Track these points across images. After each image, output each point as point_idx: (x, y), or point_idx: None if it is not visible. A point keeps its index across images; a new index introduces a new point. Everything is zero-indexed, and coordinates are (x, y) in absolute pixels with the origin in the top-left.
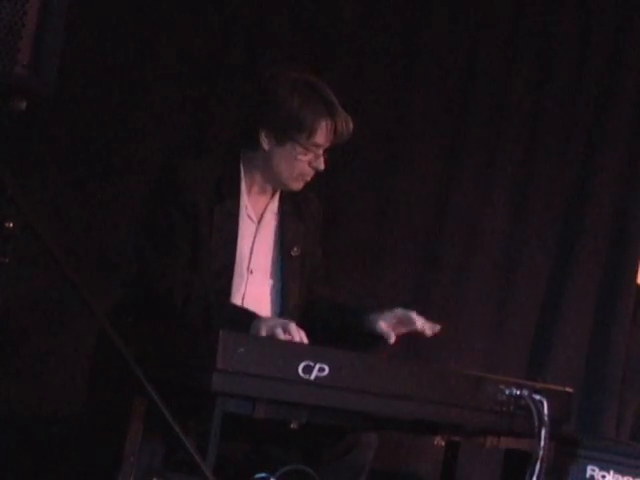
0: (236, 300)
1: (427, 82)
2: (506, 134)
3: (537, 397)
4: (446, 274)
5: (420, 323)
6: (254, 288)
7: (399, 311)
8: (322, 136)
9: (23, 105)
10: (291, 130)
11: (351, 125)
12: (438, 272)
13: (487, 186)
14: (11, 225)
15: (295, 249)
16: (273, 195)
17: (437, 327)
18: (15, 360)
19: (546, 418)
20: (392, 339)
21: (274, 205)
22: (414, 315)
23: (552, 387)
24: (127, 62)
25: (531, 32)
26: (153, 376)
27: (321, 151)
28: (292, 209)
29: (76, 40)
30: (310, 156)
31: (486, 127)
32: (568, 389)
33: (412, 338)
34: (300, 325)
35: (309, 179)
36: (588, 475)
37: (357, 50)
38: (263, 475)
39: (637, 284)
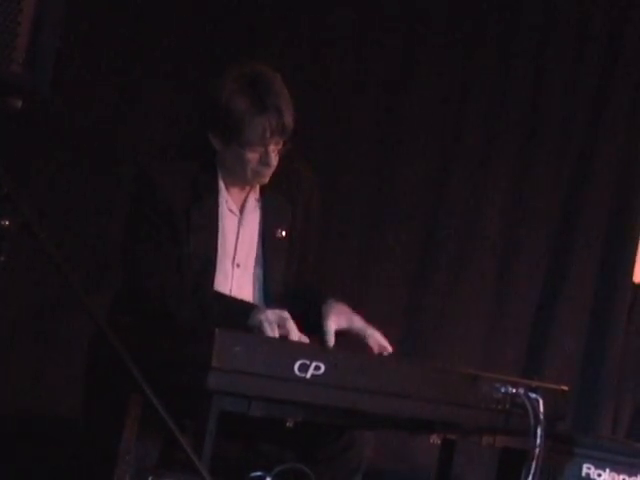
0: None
1: (424, 80)
2: (503, 131)
3: (533, 395)
4: (443, 272)
5: (376, 347)
6: (240, 282)
7: (356, 326)
8: (254, 135)
9: (19, 103)
10: (226, 131)
11: (287, 119)
12: (435, 271)
13: (483, 185)
14: (7, 223)
15: (279, 231)
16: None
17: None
18: (12, 359)
19: (542, 416)
20: (330, 345)
21: (255, 193)
22: (371, 340)
23: (548, 385)
24: (124, 60)
25: (528, 31)
26: (149, 375)
27: (268, 147)
28: (277, 189)
29: (72, 38)
30: (256, 153)
31: (483, 123)
32: (564, 387)
33: (408, 337)
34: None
35: (268, 174)
36: (584, 473)
37: (355, 47)
38: (259, 474)
39: (633, 282)
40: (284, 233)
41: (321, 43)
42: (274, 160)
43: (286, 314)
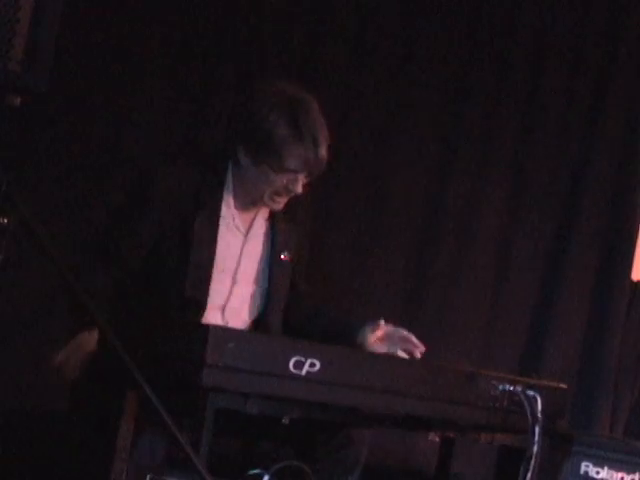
0: (215, 310)
1: (423, 80)
2: (501, 131)
3: (531, 393)
4: (440, 270)
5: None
6: (238, 297)
7: (389, 328)
8: (292, 162)
9: (17, 101)
10: (263, 152)
11: (323, 154)
12: (432, 268)
13: (481, 184)
14: (5, 221)
15: (285, 253)
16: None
17: (422, 348)
18: (11, 358)
19: (540, 414)
20: None
21: (265, 212)
22: (405, 333)
23: (546, 383)
24: (123, 60)
25: (526, 32)
26: (145, 371)
27: (299, 176)
28: (284, 214)
29: (71, 37)
30: (285, 179)
31: (481, 122)
32: (562, 385)
33: None
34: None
35: (285, 200)
36: (582, 471)
37: (353, 45)
38: (257, 471)
39: (631, 280)
40: (289, 256)
41: (319, 44)
42: (300, 189)
43: None
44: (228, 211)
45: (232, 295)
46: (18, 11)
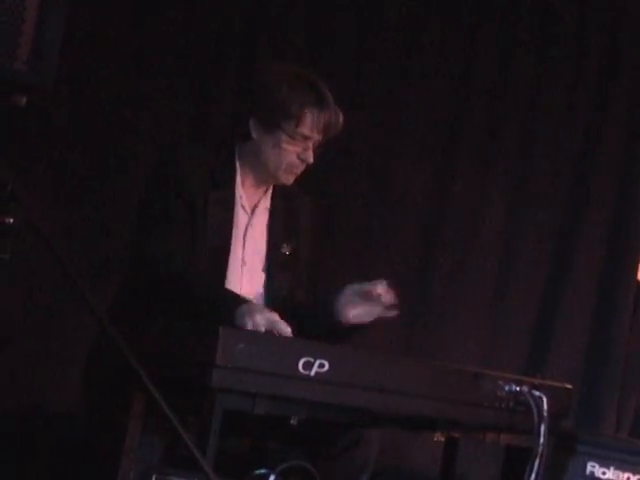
0: (234, 289)
1: (424, 79)
2: (504, 129)
3: (536, 393)
4: (445, 269)
5: (380, 289)
6: (249, 280)
7: (354, 287)
8: (308, 126)
9: (23, 101)
10: (278, 117)
11: (340, 119)
12: (437, 267)
13: (485, 183)
14: (11, 221)
15: (285, 246)
16: (266, 191)
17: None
18: (15, 357)
19: (545, 414)
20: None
21: (267, 201)
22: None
23: (551, 383)
24: (127, 59)
25: (528, 30)
26: (153, 372)
27: (310, 143)
28: (284, 207)
29: (75, 36)
30: (298, 147)
31: (484, 121)
32: (567, 385)
33: (409, 334)
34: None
35: (298, 172)
36: (588, 471)
37: (356, 44)
38: (263, 471)
39: (637, 279)
40: (289, 250)
41: (320, 45)
42: (312, 159)
43: (275, 316)
44: (237, 190)
45: (244, 276)
46: (24, 11)
